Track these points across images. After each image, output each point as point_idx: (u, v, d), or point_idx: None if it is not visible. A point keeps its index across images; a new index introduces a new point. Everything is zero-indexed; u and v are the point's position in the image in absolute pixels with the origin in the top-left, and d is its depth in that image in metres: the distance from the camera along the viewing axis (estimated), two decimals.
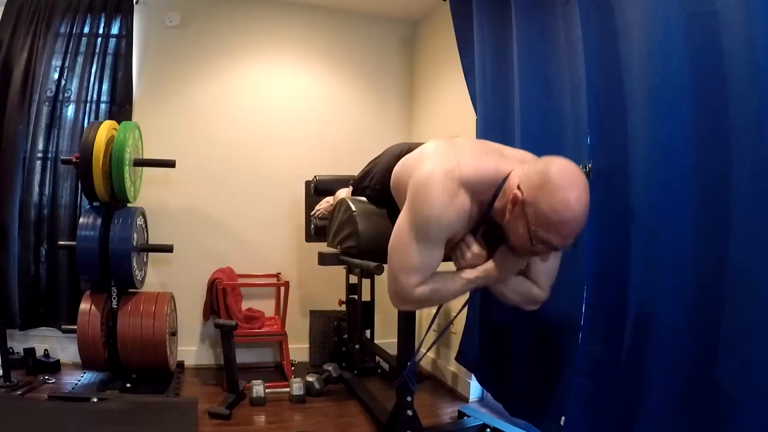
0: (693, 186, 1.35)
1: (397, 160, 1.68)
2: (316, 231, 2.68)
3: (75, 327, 2.54)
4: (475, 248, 1.42)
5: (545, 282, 1.54)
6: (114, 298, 2.60)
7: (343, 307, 3.16)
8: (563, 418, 1.70)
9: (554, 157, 1.32)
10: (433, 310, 1.83)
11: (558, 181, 1.24)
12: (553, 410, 1.85)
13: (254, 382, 2.59)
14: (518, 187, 1.30)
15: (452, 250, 1.47)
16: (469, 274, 1.43)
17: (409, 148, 1.67)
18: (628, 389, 1.48)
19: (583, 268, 1.66)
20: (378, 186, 1.78)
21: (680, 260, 1.37)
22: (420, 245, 1.37)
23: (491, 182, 1.37)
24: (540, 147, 1.99)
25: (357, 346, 2.98)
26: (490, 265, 1.43)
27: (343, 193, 2.28)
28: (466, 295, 1.63)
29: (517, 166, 1.38)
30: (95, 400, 2.28)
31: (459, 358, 2.62)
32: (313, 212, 2.64)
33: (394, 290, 1.44)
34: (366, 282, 3.05)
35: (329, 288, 3.28)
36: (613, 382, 1.54)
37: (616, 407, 1.52)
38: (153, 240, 2.96)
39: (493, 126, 2.29)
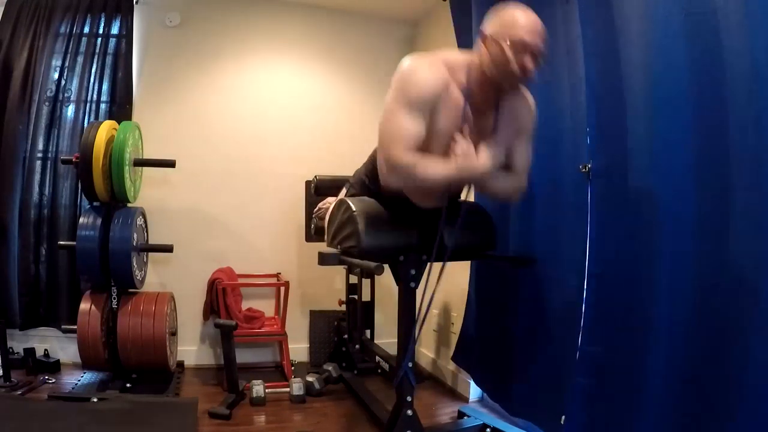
0: (693, 185, 1.35)
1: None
2: (316, 231, 2.68)
3: (75, 327, 2.54)
4: (464, 144, 1.53)
5: (523, 170, 1.71)
6: (114, 298, 2.60)
7: (343, 307, 3.16)
8: (563, 417, 1.70)
9: None
10: (434, 311, 1.82)
11: (504, 5, 1.51)
12: (553, 409, 1.85)
13: (254, 382, 2.59)
14: (480, 35, 1.52)
15: (447, 152, 1.56)
16: (457, 161, 1.53)
17: None
18: (628, 389, 1.48)
19: (583, 269, 1.66)
20: (369, 174, 1.89)
21: (680, 260, 1.37)
22: (405, 111, 1.51)
23: (464, 63, 1.57)
24: (539, 146, 2.00)
25: (357, 346, 2.98)
26: (474, 158, 1.54)
27: (344, 193, 2.28)
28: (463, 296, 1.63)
29: None
30: (95, 400, 2.28)
31: (456, 359, 2.62)
32: (315, 210, 2.64)
33: (385, 157, 1.56)
34: (366, 282, 3.05)
35: (329, 288, 3.29)
36: (613, 382, 1.54)
37: (616, 407, 1.52)
38: (153, 240, 2.96)
39: None
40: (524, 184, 1.73)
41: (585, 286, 1.66)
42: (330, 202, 2.53)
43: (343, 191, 2.13)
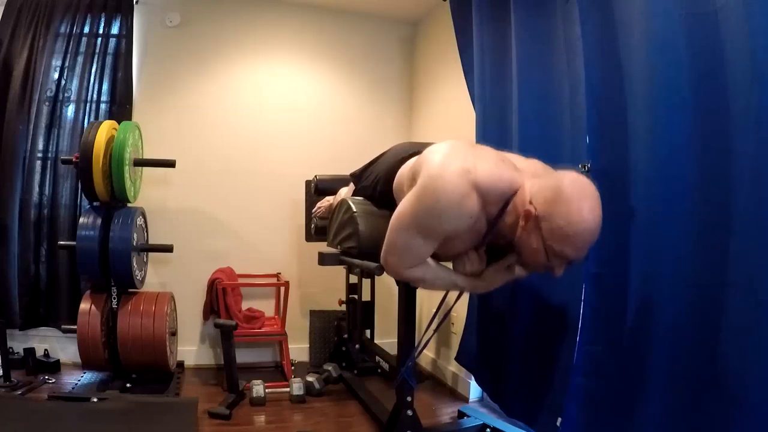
0: (693, 186, 1.34)
1: (401, 163, 1.66)
2: (316, 231, 2.68)
3: (75, 327, 2.54)
4: (476, 264, 1.45)
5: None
6: (114, 298, 2.60)
7: (343, 307, 3.16)
8: (560, 419, 1.69)
9: (567, 171, 1.35)
10: (433, 309, 1.83)
11: (571, 193, 1.27)
12: (550, 411, 1.85)
13: (254, 382, 2.59)
14: (530, 202, 1.30)
15: (455, 259, 1.49)
16: (459, 279, 1.48)
17: (415, 150, 1.63)
18: (628, 390, 1.48)
19: (583, 269, 1.65)
20: (380, 187, 1.78)
21: (680, 260, 1.36)
22: (416, 235, 1.38)
23: (503, 193, 1.36)
24: (539, 146, 2.00)
25: (357, 346, 2.98)
26: (479, 280, 1.48)
27: (345, 192, 2.28)
28: (465, 295, 1.63)
29: (528, 180, 1.37)
30: (95, 400, 2.28)
31: (459, 359, 2.62)
32: (314, 210, 2.64)
33: (385, 263, 1.51)
34: (366, 282, 3.05)
35: (329, 288, 3.29)
36: (612, 382, 1.54)
37: (615, 408, 1.52)
38: (153, 240, 2.96)
39: (492, 125, 2.29)
40: None
41: (584, 286, 1.66)
42: (328, 200, 2.53)
43: (351, 187, 2.10)
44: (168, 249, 2.84)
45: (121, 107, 3.03)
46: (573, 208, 1.25)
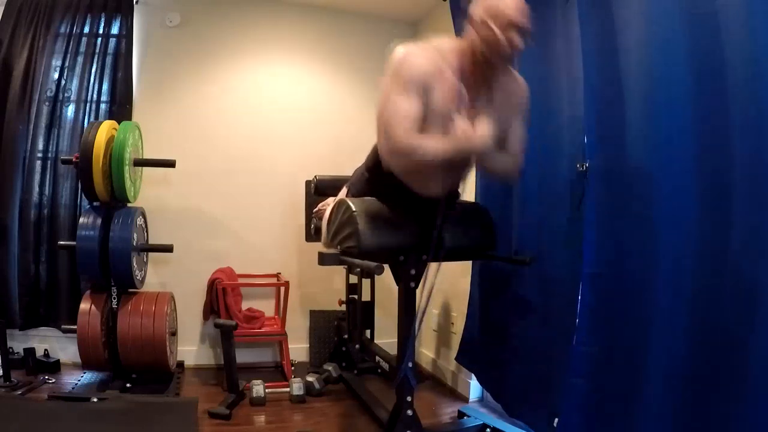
0: (691, 185, 1.34)
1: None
2: (316, 231, 2.67)
3: (75, 327, 2.54)
4: (462, 122, 1.58)
5: (519, 149, 1.75)
6: (114, 298, 2.60)
7: (343, 307, 3.16)
8: (557, 419, 1.69)
9: None
10: (434, 311, 1.83)
11: None
12: (549, 411, 1.85)
13: (254, 382, 2.59)
14: (469, 20, 1.59)
15: (445, 131, 1.61)
16: (453, 137, 1.58)
17: None
18: (624, 390, 1.47)
19: (580, 269, 1.65)
20: (367, 164, 1.92)
21: (678, 260, 1.36)
22: (402, 94, 1.57)
23: (454, 48, 1.64)
24: (538, 145, 2.00)
25: (357, 346, 2.98)
26: (473, 134, 1.58)
27: (340, 194, 2.28)
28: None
29: None
30: (95, 400, 2.28)
31: (459, 359, 2.62)
32: (315, 210, 2.64)
33: (386, 140, 1.61)
34: (366, 282, 3.05)
35: (329, 288, 3.28)
36: (607, 383, 1.54)
37: (611, 409, 1.52)
38: (153, 240, 2.96)
39: None
40: (521, 163, 1.77)
41: (581, 286, 1.66)
42: (329, 203, 2.53)
43: (344, 191, 2.13)
44: (168, 249, 2.84)
45: (121, 107, 3.03)
46: None
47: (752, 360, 1.15)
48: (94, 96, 3.02)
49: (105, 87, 3.04)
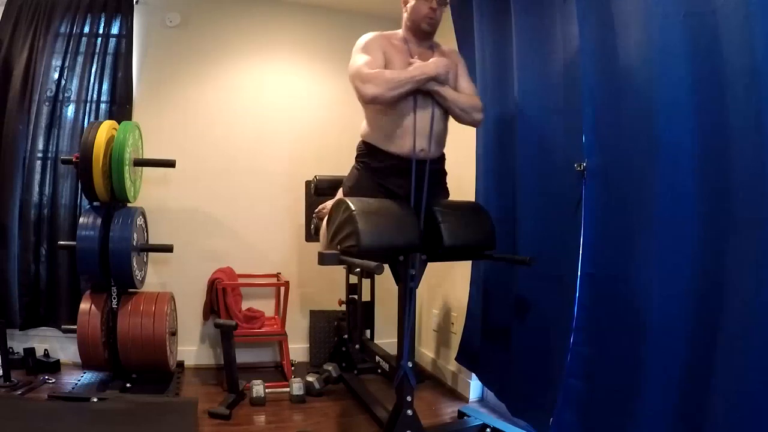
0: (690, 186, 1.34)
1: None
2: (316, 231, 2.67)
3: (75, 327, 2.54)
4: (417, 61, 1.91)
5: (472, 92, 2.03)
6: (114, 298, 2.60)
7: (343, 307, 3.16)
8: (552, 419, 1.69)
9: None
10: (434, 311, 1.83)
11: None
12: (548, 410, 1.85)
13: (254, 382, 2.59)
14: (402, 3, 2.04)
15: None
16: (413, 67, 1.89)
17: None
18: (621, 391, 1.47)
19: (577, 268, 1.65)
20: (358, 147, 2.15)
21: (677, 261, 1.36)
22: (362, 52, 1.97)
23: (397, 32, 2.07)
24: (538, 145, 2.00)
25: (357, 346, 2.98)
26: (425, 63, 1.89)
27: (337, 195, 2.28)
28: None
29: None
30: (95, 400, 2.28)
31: (459, 359, 2.62)
32: (316, 210, 2.64)
33: (357, 78, 1.93)
34: (366, 282, 3.05)
35: (329, 288, 3.28)
36: (603, 384, 1.53)
37: (607, 410, 1.52)
38: (153, 240, 2.96)
39: (492, 124, 2.29)
40: (480, 104, 1.98)
41: (578, 286, 1.65)
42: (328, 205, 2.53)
43: (340, 191, 2.13)
44: (168, 249, 2.84)
45: (121, 107, 3.03)
46: None
47: (749, 363, 1.15)
48: (94, 96, 3.03)
49: (105, 87, 3.05)
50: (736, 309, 1.20)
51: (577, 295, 1.65)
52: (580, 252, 1.63)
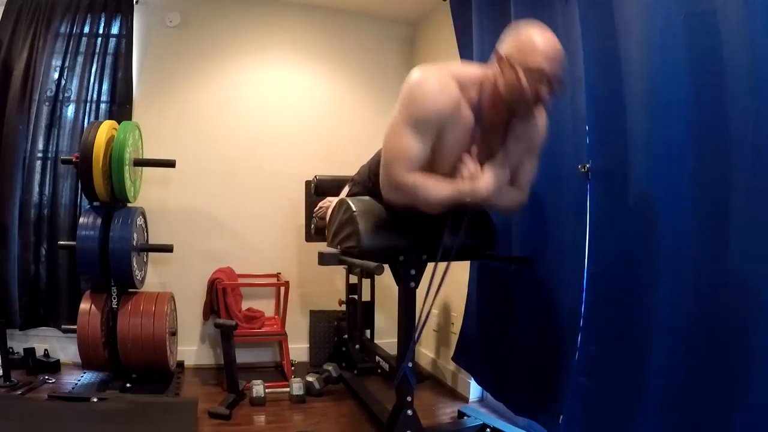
0: (692, 185, 1.34)
1: None
2: (316, 231, 2.67)
3: (75, 327, 2.54)
4: (471, 166, 1.50)
5: (526, 185, 1.69)
6: (114, 298, 2.60)
7: (343, 307, 3.16)
8: (561, 416, 1.69)
9: None
10: (434, 311, 1.82)
11: (522, 25, 1.47)
12: (554, 409, 1.85)
13: (254, 382, 2.59)
14: (496, 55, 1.47)
15: (453, 171, 1.54)
16: (459, 183, 1.51)
17: None
18: (627, 390, 1.48)
19: (583, 268, 1.66)
20: (374, 169, 1.79)
21: (680, 260, 1.36)
22: (411, 130, 1.47)
23: (475, 75, 1.52)
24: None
25: (357, 346, 2.98)
26: (478, 181, 1.50)
27: (342, 194, 2.28)
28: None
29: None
30: (95, 400, 2.28)
31: (456, 359, 2.62)
32: (315, 209, 2.64)
33: (387, 175, 1.53)
34: (366, 282, 3.05)
35: (329, 288, 3.29)
36: (611, 382, 1.54)
37: (615, 408, 1.52)
38: (153, 240, 2.96)
39: None
40: (525, 198, 1.71)
41: (584, 286, 1.66)
42: (330, 201, 2.53)
43: (346, 189, 2.12)
44: (168, 249, 2.84)
45: (121, 107, 3.03)
46: (529, 29, 1.44)
47: (754, 361, 1.15)
48: (94, 96, 3.02)
49: (105, 87, 3.04)
50: (739, 307, 1.20)
51: (584, 294, 1.65)
52: (586, 252, 1.63)
